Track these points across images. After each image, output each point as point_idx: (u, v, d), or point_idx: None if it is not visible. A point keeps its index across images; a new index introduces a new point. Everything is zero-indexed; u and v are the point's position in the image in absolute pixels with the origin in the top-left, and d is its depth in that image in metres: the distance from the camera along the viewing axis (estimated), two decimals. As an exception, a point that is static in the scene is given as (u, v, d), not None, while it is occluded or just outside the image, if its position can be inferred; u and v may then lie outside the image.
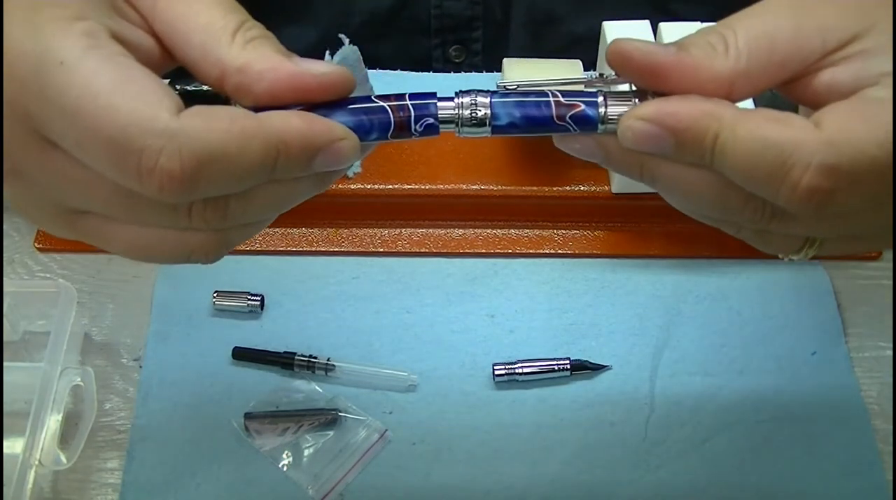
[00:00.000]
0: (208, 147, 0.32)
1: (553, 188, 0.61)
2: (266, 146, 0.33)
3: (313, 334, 0.59)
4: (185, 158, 0.31)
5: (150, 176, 0.32)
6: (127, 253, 0.37)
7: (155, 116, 0.31)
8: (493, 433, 0.55)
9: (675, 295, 0.60)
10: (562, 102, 0.35)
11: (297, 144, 0.33)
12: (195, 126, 0.32)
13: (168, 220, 0.35)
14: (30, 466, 0.50)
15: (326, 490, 0.53)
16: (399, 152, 0.63)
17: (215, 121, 0.32)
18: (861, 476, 0.53)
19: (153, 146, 0.31)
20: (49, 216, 0.36)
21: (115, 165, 0.32)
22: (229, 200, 0.34)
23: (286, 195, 0.36)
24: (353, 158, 0.35)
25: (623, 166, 0.37)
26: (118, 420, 0.56)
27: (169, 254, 0.36)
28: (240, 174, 0.33)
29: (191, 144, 0.32)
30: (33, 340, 0.58)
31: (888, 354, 0.58)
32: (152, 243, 0.36)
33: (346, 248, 0.62)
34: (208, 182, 0.32)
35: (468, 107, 0.36)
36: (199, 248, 0.36)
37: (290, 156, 0.33)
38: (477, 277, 0.61)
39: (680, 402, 0.56)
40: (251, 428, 0.54)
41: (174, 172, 0.31)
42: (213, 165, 0.32)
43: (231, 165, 0.32)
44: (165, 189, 0.32)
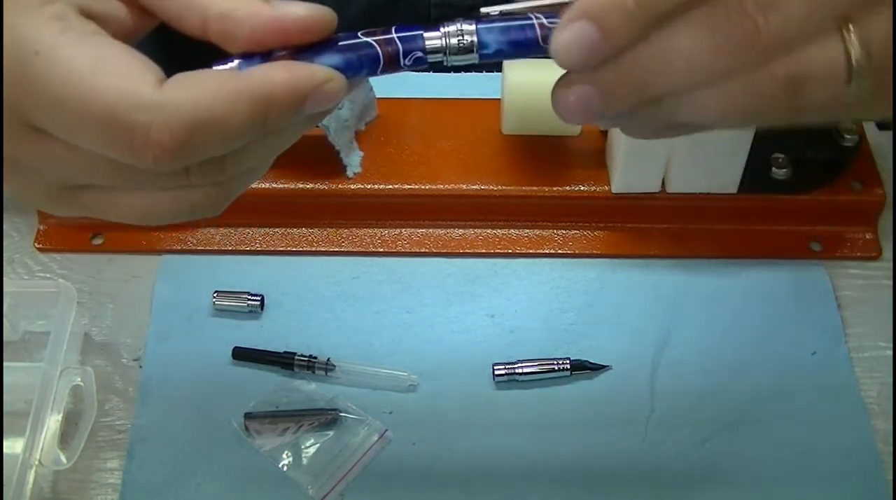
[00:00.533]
0: (196, 114, 0.32)
1: (553, 188, 0.61)
2: (253, 104, 0.33)
3: (313, 334, 0.59)
4: (175, 128, 0.32)
5: (144, 151, 0.32)
6: (131, 219, 0.37)
7: (138, 91, 0.32)
8: (493, 433, 0.55)
9: (675, 295, 0.60)
10: (545, 24, 0.36)
11: (285, 96, 0.34)
12: (180, 96, 0.32)
13: (168, 183, 0.35)
14: (30, 466, 0.50)
15: (326, 490, 0.53)
16: (399, 152, 0.63)
17: (200, 88, 0.33)
18: (861, 476, 0.53)
19: (141, 122, 0.32)
20: (50, 197, 0.37)
21: (107, 145, 0.32)
22: (226, 156, 0.35)
23: (280, 142, 0.36)
24: (341, 96, 0.35)
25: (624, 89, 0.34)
26: (118, 420, 0.56)
27: (173, 213, 0.37)
28: (232, 135, 0.33)
29: (179, 114, 0.32)
30: (33, 340, 0.58)
31: (888, 354, 0.58)
32: (155, 206, 0.36)
33: (346, 248, 0.62)
34: (201, 147, 0.33)
35: (455, 35, 0.36)
36: (201, 202, 0.36)
37: (280, 108, 0.34)
38: (477, 277, 0.61)
39: (680, 402, 0.56)
40: (251, 428, 0.54)
41: (166, 144, 0.32)
42: (204, 131, 0.32)
43: (222, 127, 0.33)
44: (161, 161, 0.32)
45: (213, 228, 0.63)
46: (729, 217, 0.62)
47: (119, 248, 0.63)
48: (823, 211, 0.62)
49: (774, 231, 0.63)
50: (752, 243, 0.62)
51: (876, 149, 0.64)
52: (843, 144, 0.62)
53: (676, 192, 0.60)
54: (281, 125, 0.35)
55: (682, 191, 0.60)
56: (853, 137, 0.62)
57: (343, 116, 0.60)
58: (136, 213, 0.37)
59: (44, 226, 0.63)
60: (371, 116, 0.64)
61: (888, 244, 0.63)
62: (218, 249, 0.62)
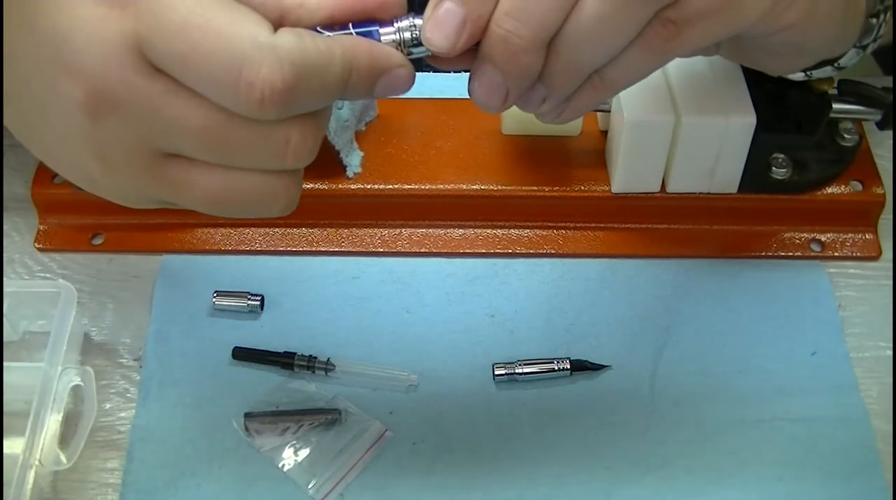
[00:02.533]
0: (304, 60, 0.34)
1: (553, 188, 0.61)
2: (345, 61, 0.36)
3: (313, 334, 0.59)
4: (286, 69, 0.34)
5: (252, 88, 0.33)
6: (209, 201, 0.38)
7: (257, 32, 0.34)
8: (493, 433, 0.55)
9: (675, 295, 0.60)
10: None
11: (366, 65, 0.36)
12: (290, 41, 0.34)
13: (258, 157, 0.36)
14: (30, 466, 0.50)
15: (326, 490, 0.53)
16: (399, 152, 0.63)
17: (306, 38, 0.35)
18: (861, 476, 0.54)
19: (256, 58, 0.33)
20: (133, 161, 0.37)
21: (217, 78, 0.34)
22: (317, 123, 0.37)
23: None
24: (408, 86, 0.39)
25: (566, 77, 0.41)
26: (118, 420, 0.56)
27: (252, 201, 0.38)
28: (326, 89, 0.35)
29: (289, 57, 0.34)
30: (33, 340, 0.59)
31: (888, 354, 0.58)
32: (236, 188, 0.37)
33: (346, 248, 0.62)
34: (302, 95, 0.35)
35: (407, 29, 0.38)
36: (284, 191, 0.38)
37: (361, 74, 0.36)
38: (477, 277, 0.61)
39: (680, 402, 0.56)
40: (251, 428, 0.54)
41: (276, 82, 0.33)
42: (308, 78, 0.34)
43: (321, 78, 0.35)
44: (266, 101, 0.34)
45: (213, 228, 0.63)
46: (729, 217, 0.62)
47: (119, 248, 0.63)
48: (823, 211, 0.62)
49: (774, 231, 0.63)
50: (752, 243, 0.62)
51: (876, 149, 0.64)
52: (843, 144, 0.62)
53: (676, 192, 0.60)
54: (352, 95, 0.37)
55: (682, 191, 0.60)
56: (853, 137, 0.62)
57: (343, 116, 0.60)
58: (215, 194, 0.37)
59: (44, 226, 0.63)
60: (371, 116, 0.64)
61: (888, 244, 0.63)
62: (218, 249, 0.62)
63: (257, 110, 0.34)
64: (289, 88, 0.34)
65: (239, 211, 0.38)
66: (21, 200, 0.63)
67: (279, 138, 0.36)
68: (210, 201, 0.38)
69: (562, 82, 0.41)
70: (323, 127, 0.38)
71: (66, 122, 0.36)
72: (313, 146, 0.37)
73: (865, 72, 0.65)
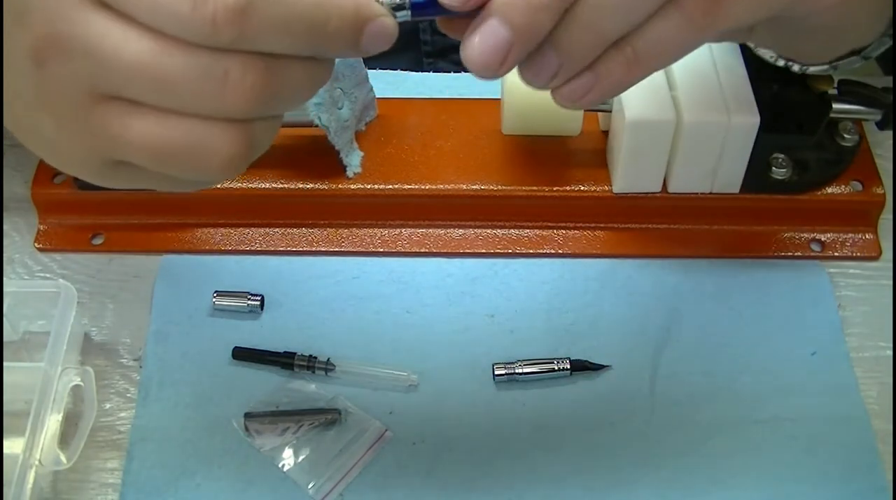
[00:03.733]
0: None
1: (553, 188, 0.61)
2: (318, 2, 0.33)
3: (313, 334, 0.59)
4: None
5: (205, 4, 0.31)
6: (146, 151, 0.35)
7: None
8: (493, 433, 0.55)
9: (675, 295, 0.60)
10: None
11: (349, 11, 0.34)
12: None
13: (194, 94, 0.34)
14: (30, 466, 0.50)
15: (326, 490, 0.53)
16: (399, 152, 0.63)
17: None
18: (861, 476, 0.54)
19: None
20: (77, 107, 0.35)
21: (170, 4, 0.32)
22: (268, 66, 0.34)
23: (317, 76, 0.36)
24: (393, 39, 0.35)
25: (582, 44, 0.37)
26: (118, 420, 0.56)
27: (191, 154, 0.35)
28: (292, 21, 0.33)
29: None
30: (33, 340, 0.59)
31: (888, 354, 0.58)
32: (175, 138, 0.35)
33: (346, 248, 0.62)
34: (260, 20, 0.32)
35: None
36: (224, 147, 0.35)
37: (343, 21, 0.34)
38: (477, 277, 0.61)
39: (680, 402, 0.56)
40: (251, 428, 0.54)
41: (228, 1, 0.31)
42: (266, 2, 0.32)
43: (284, 7, 0.32)
44: (219, 18, 0.31)
45: (213, 228, 0.63)
46: (729, 217, 0.62)
47: (119, 248, 0.63)
48: (823, 211, 0.62)
49: (774, 231, 0.63)
50: (752, 243, 0.62)
51: (876, 149, 0.64)
52: (843, 144, 0.62)
53: (678, 192, 0.60)
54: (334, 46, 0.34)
55: (684, 191, 0.60)
56: (853, 137, 0.62)
57: (343, 116, 0.60)
58: (152, 141, 0.35)
59: (44, 226, 0.63)
60: (371, 116, 0.64)
61: (888, 244, 0.63)
62: (218, 249, 0.62)
63: (209, 30, 0.32)
64: (242, 8, 0.31)
65: (177, 166, 0.35)
66: (21, 200, 0.63)
67: (217, 71, 0.33)
68: (147, 151, 0.35)
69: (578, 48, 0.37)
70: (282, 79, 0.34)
71: (19, 75, 0.35)
72: (261, 92, 0.34)
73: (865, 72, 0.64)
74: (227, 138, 0.35)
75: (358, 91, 0.61)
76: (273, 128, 0.37)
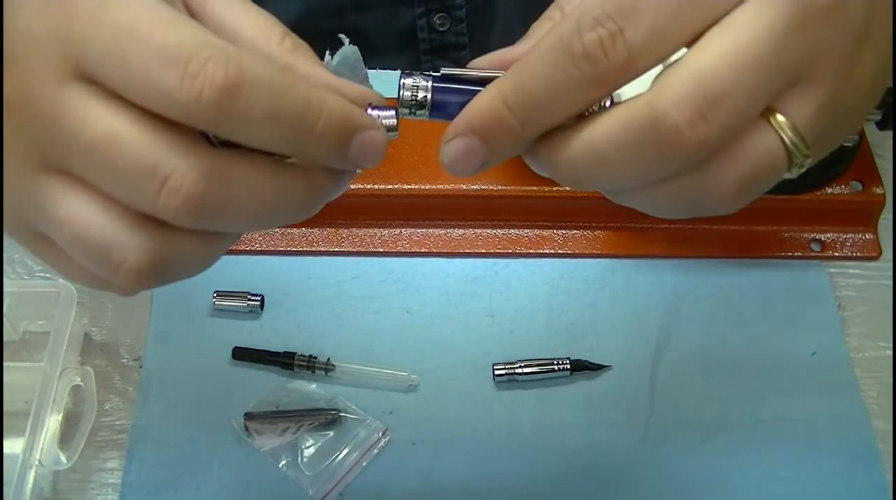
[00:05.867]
0: (255, 69, 0.32)
1: (553, 188, 0.61)
2: (309, 100, 0.33)
3: (313, 334, 0.59)
4: (231, 68, 0.31)
5: (193, 80, 0.31)
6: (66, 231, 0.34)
7: (211, 37, 0.32)
8: (493, 433, 0.55)
9: (675, 295, 0.60)
10: None
11: (339, 115, 0.33)
12: (248, 52, 0.32)
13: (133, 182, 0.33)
14: (30, 466, 0.50)
15: (326, 490, 0.53)
16: (399, 152, 0.63)
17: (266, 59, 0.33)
18: (861, 476, 0.54)
19: (203, 55, 0.31)
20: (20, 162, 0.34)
21: (158, 73, 0.31)
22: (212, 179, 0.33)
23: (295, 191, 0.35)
24: (381, 156, 0.35)
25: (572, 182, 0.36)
26: (118, 420, 0.56)
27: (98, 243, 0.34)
28: (281, 112, 0.32)
29: (240, 60, 0.31)
30: (33, 340, 0.58)
31: (888, 354, 0.58)
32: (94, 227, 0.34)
33: (346, 248, 0.62)
34: (247, 104, 0.31)
35: (410, 88, 0.36)
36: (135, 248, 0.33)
37: (331, 124, 0.33)
38: (477, 277, 0.61)
39: (680, 402, 0.56)
40: (251, 428, 0.54)
41: (217, 78, 0.31)
42: (255, 89, 0.31)
43: (273, 97, 0.32)
44: (204, 96, 0.31)
45: (213, 228, 0.63)
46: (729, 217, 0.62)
47: (119, 248, 0.62)
48: (823, 211, 0.62)
49: (774, 231, 0.63)
50: (752, 243, 0.62)
51: (876, 149, 0.64)
52: (843, 144, 0.61)
53: (676, 192, 0.60)
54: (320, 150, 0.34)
55: (683, 191, 0.60)
56: (853, 137, 0.61)
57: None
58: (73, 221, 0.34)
59: (44, 226, 0.63)
60: (371, 116, 0.64)
61: (888, 244, 0.63)
62: (218, 249, 0.62)
63: (192, 107, 0.31)
64: (229, 87, 0.31)
65: (89, 257, 0.34)
66: (21, 200, 0.63)
67: (159, 171, 0.32)
68: (67, 232, 0.34)
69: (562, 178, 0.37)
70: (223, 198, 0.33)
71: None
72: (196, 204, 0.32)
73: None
74: (143, 243, 0.34)
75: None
76: (197, 252, 0.35)
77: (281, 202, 0.35)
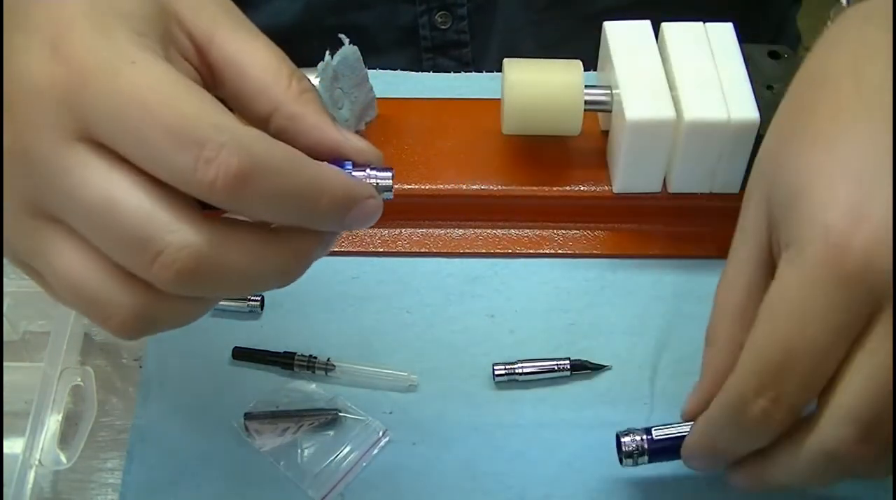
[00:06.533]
0: (268, 154, 0.33)
1: (553, 188, 0.61)
2: (314, 181, 0.35)
3: (313, 334, 0.59)
4: (244, 156, 0.32)
5: (208, 166, 0.32)
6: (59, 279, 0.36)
7: (224, 118, 0.33)
8: (493, 433, 0.55)
9: (675, 295, 0.60)
10: None
11: (341, 192, 0.35)
12: (257, 134, 0.33)
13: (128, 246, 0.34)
14: (30, 466, 0.50)
15: (326, 490, 0.53)
16: (399, 152, 0.63)
17: (277, 142, 0.34)
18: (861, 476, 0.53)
19: (218, 139, 0.32)
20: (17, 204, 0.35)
21: (172, 153, 0.32)
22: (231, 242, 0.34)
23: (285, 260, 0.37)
24: (376, 217, 0.37)
25: None
26: (118, 420, 0.56)
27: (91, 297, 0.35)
28: (288, 195, 0.34)
29: (253, 147, 0.33)
30: (33, 340, 0.58)
31: (888, 354, 0.58)
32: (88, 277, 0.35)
33: (346, 248, 0.62)
34: (257, 189, 0.33)
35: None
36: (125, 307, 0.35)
37: (335, 201, 0.35)
38: (477, 277, 0.61)
39: (680, 402, 0.56)
40: (251, 428, 0.54)
41: (231, 166, 0.32)
42: (267, 174, 0.33)
43: (282, 181, 0.34)
44: (218, 183, 0.32)
45: (213, 228, 0.63)
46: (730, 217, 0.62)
47: (119, 248, 0.62)
48: (823, 211, 0.62)
49: (774, 231, 0.63)
50: (753, 243, 0.62)
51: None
52: (843, 144, 0.61)
53: (677, 192, 0.60)
54: (323, 220, 0.36)
55: (683, 191, 0.60)
56: (853, 137, 0.61)
57: (343, 116, 0.60)
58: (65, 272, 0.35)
59: (44, 226, 0.63)
60: (371, 116, 0.64)
61: (888, 244, 0.63)
62: (218, 249, 0.62)
63: (205, 191, 0.33)
64: (243, 177, 0.32)
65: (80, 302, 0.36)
66: (21, 200, 0.63)
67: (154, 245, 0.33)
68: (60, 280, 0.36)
69: None
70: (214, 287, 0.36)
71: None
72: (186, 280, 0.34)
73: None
74: (136, 305, 0.35)
75: (358, 91, 0.61)
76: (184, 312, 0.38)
77: (270, 272, 0.37)
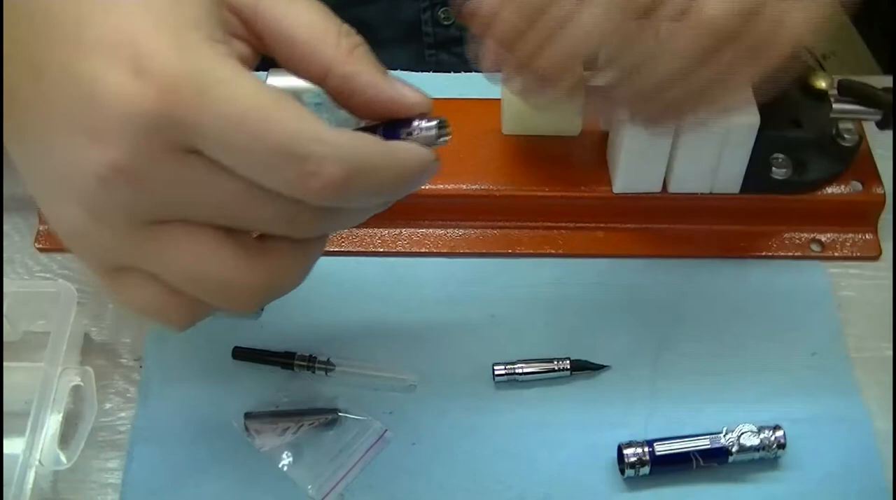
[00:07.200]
0: (363, 158, 0.35)
1: (553, 188, 0.61)
2: (402, 166, 0.37)
3: (313, 334, 0.59)
4: (345, 166, 0.34)
5: (314, 179, 0.34)
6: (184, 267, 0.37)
7: (320, 128, 0.34)
8: (493, 433, 0.55)
9: (675, 295, 0.60)
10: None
11: (419, 167, 0.38)
12: (350, 139, 0.35)
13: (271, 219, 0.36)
14: (30, 466, 0.50)
15: (326, 490, 0.53)
16: (399, 152, 0.63)
17: (363, 138, 0.36)
18: (861, 477, 0.53)
19: (319, 152, 0.34)
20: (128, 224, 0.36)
21: (277, 169, 0.34)
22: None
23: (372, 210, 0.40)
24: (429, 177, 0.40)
25: None
26: (118, 420, 0.56)
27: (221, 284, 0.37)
28: (380, 188, 0.37)
29: (350, 153, 0.35)
30: (33, 340, 0.58)
31: (888, 354, 0.58)
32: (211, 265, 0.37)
33: (346, 248, 0.62)
34: (357, 190, 0.36)
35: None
36: (281, 273, 0.39)
37: (414, 176, 0.38)
38: (477, 277, 0.61)
39: (680, 402, 0.56)
40: (251, 428, 0.54)
41: (335, 176, 0.34)
42: (365, 175, 0.35)
43: (376, 177, 0.36)
44: (325, 193, 0.34)
45: (213, 228, 0.63)
46: (729, 217, 0.62)
47: (119, 248, 0.62)
48: (823, 211, 0.62)
49: (774, 231, 0.63)
50: (752, 243, 0.62)
51: (876, 149, 0.64)
52: (843, 144, 0.61)
53: (677, 192, 0.60)
54: (398, 194, 0.38)
55: (683, 191, 0.60)
56: (853, 137, 0.61)
57: (343, 116, 0.60)
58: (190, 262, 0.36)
59: (44, 226, 0.63)
60: (371, 116, 0.64)
61: (888, 244, 0.63)
62: (218, 249, 0.62)
63: (314, 199, 0.35)
64: (345, 182, 0.34)
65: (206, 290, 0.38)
66: (21, 200, 0.63)
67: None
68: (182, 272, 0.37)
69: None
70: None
71: (72, 176, 0.35)
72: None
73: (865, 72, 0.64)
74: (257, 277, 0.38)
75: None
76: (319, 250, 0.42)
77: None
